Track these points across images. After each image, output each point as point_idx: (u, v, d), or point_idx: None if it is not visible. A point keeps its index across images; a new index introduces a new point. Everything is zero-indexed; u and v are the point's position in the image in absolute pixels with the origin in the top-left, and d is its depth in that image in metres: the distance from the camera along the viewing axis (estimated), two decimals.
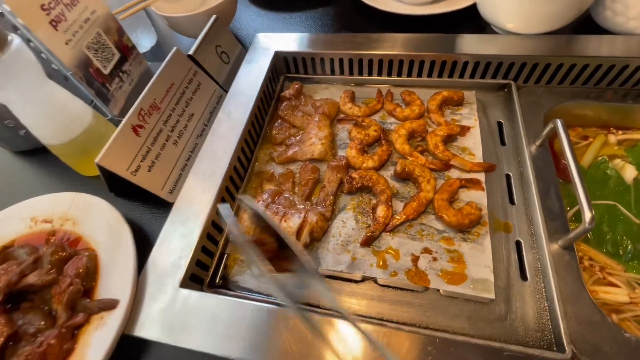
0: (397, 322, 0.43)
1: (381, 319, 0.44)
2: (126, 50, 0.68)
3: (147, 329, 0.40)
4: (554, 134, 0.64)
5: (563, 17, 0.60)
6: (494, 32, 0.70)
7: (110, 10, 0.64)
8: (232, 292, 0.47)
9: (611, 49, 0.59)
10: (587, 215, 0.41)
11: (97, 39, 0.61)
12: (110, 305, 0.39)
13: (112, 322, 0.39)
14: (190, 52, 0.60)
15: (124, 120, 0.48)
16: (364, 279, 0.47)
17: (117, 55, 0.66)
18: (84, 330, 0.40)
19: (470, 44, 0.64)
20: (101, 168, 0.45)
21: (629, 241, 0.51)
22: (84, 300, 0.40)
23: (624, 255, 0.50)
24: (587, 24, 0.67)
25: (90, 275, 0.43)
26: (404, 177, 0.53)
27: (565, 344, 0.38)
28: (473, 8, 0.70)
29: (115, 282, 0.42)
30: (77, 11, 0.58)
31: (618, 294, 0.47)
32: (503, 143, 0.58)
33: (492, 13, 0.65)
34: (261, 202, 0.53)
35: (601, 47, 0.60)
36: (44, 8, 0.51)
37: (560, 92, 0.62)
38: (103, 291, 0.43)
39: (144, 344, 0.44)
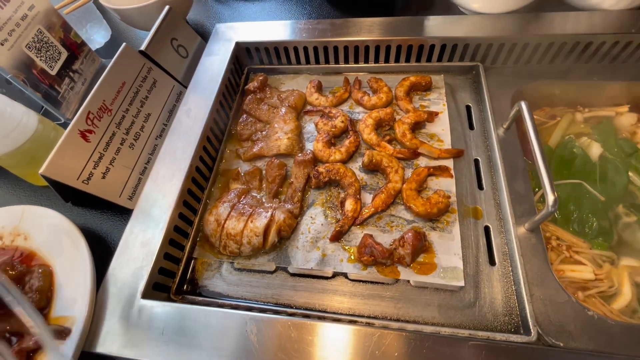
0: (368, 317, 0.43)
1: (352, 315, 0.43)
2: (75, 47, 0.64)
3: (109, 344, 0.38)
4: (520, 115, 0.64)
5: None
6: (461, 13, 0.68)
7: (52, 5, 0.59)
8: (201, 298, 0.46)
9: (576, 26, 0.58)
10: (550, 198, 0.40)
11: (39, 37, 0.57)
12: (62, 333, 0.37)
13: (69, 342, 0.37)
14: (142, 48, 0.56)
15: (70, 126, 0.45)
16: (335, 275, 0.47)
17: (64, 54, 0.61)
18: (40, 352, 0.38)
19: (436, 26, 0.62)
20: (47, 179, 0.42)
21: (594, 218, 0.52)
22: None
23: (590, 232, 0.51)
24: (551, 1, 0.66)
25: (44, 293, 0.41)
26: (372, 168, 0.52)
27: (530, 326, 0.39)
28: None
29: (72, 298, 0.40)
30: (12, 8, 0.53)
31: (584, 272, 0.48)
32: (472, 127, 0.58)
33: None
34: (227, 202, 0.51)
35: (566, 24, 0.59)
36: None
37: (528, 72, 0.61)
38: (59, 309, 0.41)
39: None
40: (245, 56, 0.68)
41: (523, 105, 0.49)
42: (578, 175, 0.56)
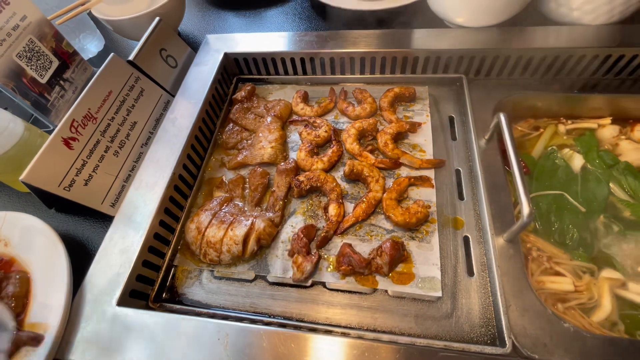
0: (345, 327, 0.43)
1: (329, 324, 0.43)
2: (67, 56, 0.65)
3: (81, 352, 0.38)
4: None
5: (508, 9, 0.60)
6: (445, 26, 0.69)
7: (44, 16, 0.61)
8: (178, 307, 0.46)
9: (557, 40, 0.60)
10: (525, 210, 0.41)
11: (30, 47, 0.58)
12: (34, 340, 0.37)
13: (42, 349, 0.37)
14: (130, 58, 0.57)
15: (53, 133, 0.46)
16: (313, 284, 0.46)
17: (55, 63, 0.63)
18: (13, 358, 0.38)
19: (421, 39, 0.63)
20: (28, 185, 0.43)
21: (575, 230, 0.52)
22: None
23: (571, 243, 0.51)
24: (534, 15, 0.67)
25: (20, 299, 0.41)
26: (353, 178, 0.53)
27: (506, 338, 0.39)
28: (424, 2, 0.70)
29: (47, 305, 0.40)
30: (4, 18, 0.54)
31: (564, 283, 0.48)
32: (454, 138, 0.58)
33: (441, 8, 0.65)
34: (209, 210, 0.51)
35: (547, 38, 0.60)
36: None
37: (510, 84, 0.62)
38: (34, 315, 0.41)
39: None
40: (234, 66, 0.69)
41: (502, 117, 0.49)
42: (560, 186, 0.56)
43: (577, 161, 0.59)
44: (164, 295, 0.48)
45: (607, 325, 0.46)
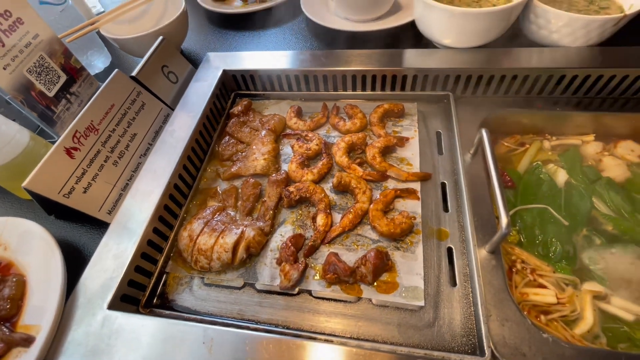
0: (328, 334, 0.44)
1: (313, 332, 0.44)
2: (74, 72, 0.69)
3: (70, 354, 0.39)
4: (493, 141, 0.66)
5: (490, 33, 0.63)
6: (434, 46, 0.73)
7: (55, 34, 0.65)
8: (167, 312, 0.47)
9: (538, 61, 0.62)
10: (504, 220, 0.42)
11: (40, 63, 0.62)
12: (26, 341, 0.38)
13: (33, 350, 0.38)
14: (133, 74, 0.60)
15: (56, 143, 0.48)
16: (300, 292, 0.48)
17: (63, 78, 0.66)
18: (4, 358, 0.39)
19: (411, 59, 0.66)
20: (30, 192, 0.45)
21: (558, 243, 0.53)
22: (2, 330, 0.40)
23: (554, 256, 0.52)
24: (519, 37, 0.70)
25: (15, 301, 0.43)
26: (342, 189, 0.55)
27: (485, 347, 0.40)
28: (414, 24, 0.73)
29: (41, 308, 0.42)
30: (17, 36, 0.58)
31: (547, 296, 0.49)
32: (441, 152, 0.61)
33: (429, 30, 0.68)
34: (201, 219, 0.53)
35: (530, 59, 0.63)
36: None
37: (495, 101, 0.65)
38: (28, 317, 0.42)
39: None
40: (232, 82, 0.73)
41: (484, 132, 0.51)
42: (544, 201, 0.58)
43: (561, 176, 0.61)
44: (154, 301, 0.49)
45: (590, 338, 0.46)
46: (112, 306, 0.43)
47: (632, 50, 0.60)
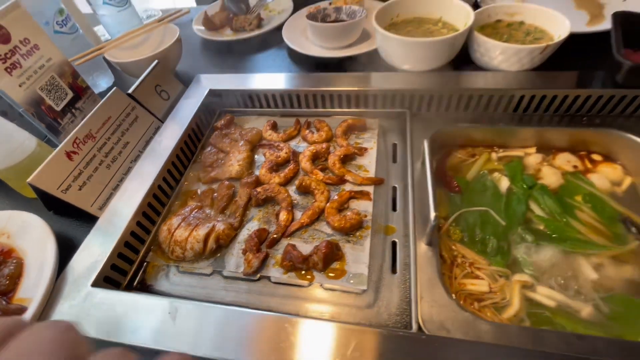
0: (282, 313, 0.50)
1: (269, 311, 0.50)
2: (80, 90, 0.79)
3: None
4: (445, 152, 0.75)
5: (440, 58, 0.73)
6: (394, 70, 0.83)
7: (65, 58, 0.75)
8: (144, 294, 0.54)
9: (484, 82, 0.71)
10: (432, 214, 0.50)
11: (51, 82, 0.72)
12: (19, 310, 0.45)
13: (24, 317, 0.45)
14: (130, 91, 0.70)
15: (59, 146, 0.57)
16: (261, 278, 0.54)
17: (70, 95, 0.76)
18: None
19: (374, 80, 0.76)
20: (33, 187, 0.54)
21: (495, 240, 0.59)
22: (1, 302, 0.47)
23: (490, 251, 0.59)
24: (470, 62, 0.80)
25: (13, 279, 0.50)
26: (303, 190, 0.62)
27: (413, 323, 0.46)
28: (376, 52, 0.84)
29: (34, 285, 0.49)
30: (33, 59, 0.69)
31: (481, 285, 0.55)
32: (395, 161, 0.69)
33: (390, 58, 0.78)
34: (180, 215, 0.61)
35: (477, 81, 0.72)
36: (0, 58, 0.62)
37: (446, 118, 0.74)
38: (23, 292, 0.49)
39: None
40: (217, 100, 0.83)
41: (425, 143, 0.60)
42: (487, 204, 0.65)
43: (504, 183, 0.68)
44: (134, 285, 0.56)
45: (516, 321, 0.52)
46: (95, 285, 0.49)
47: (562, 74, 0.69)
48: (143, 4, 1.42)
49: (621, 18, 0.69)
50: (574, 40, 0.77)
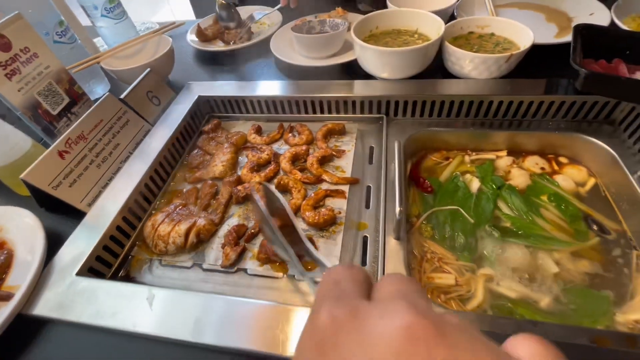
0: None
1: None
2: (76, 96, 0.83)
3: (40, 307, 0.49)
4: (421, 155, 0.78)
5: (414, 66, 0.77)
6: (373, 78, 0.87)
7: (63, 66, 0.80)
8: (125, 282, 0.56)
9: (456, 89, 0.76)
10: (397, 209, 0.53)
11: (49, 87, 0.76)
12: (7, 297, 0.48)
13: (10, 304, 0.48)
14: (122, 96, 0.75)
15: (52, 146, 0.61)
16: (238, 270, 0.57)
17: (66, 100, 0.81)
18: None
19: (354, 87, 0.80)
20: (26, 183, 0.57)
21: (463, 236, 0.63)
22: None
23: (458, 247, 0.62)
24: (444, 70, 0.85)
25: (3, 268, 0.53)
26: (282, 189, 0.66)
27: None
28: (356, 62, 0.88)
29: (23, 274, 0.52)
30: (32, 66, 0.73)
31: (447, 279, 0.58)
32: (371, 162, 0.72)
33: (368, 67, 0.83)
34: (164, 212, 0.64)
35: (450, 88, 0.76)
36: (1, 65, 0.67)
37: (423, 122, 0.78)
38: (12, 280, 0.52)
39: (44, 325, 0.51)
40: (206, 106, 0.87)
41: (395, 144, 0.64)
42: (458, 204, 0.68)
43: (475, 184, 0.71)
44: (118, 277, 0.59)
45: (479, 312, 0.54)
46: (80, 274, 0.52)
47: (530, 81, 0.74)
48: (142, 17, 1.49)
49: (582, 30, 0.74)
50: (543, 50, 0.82)
